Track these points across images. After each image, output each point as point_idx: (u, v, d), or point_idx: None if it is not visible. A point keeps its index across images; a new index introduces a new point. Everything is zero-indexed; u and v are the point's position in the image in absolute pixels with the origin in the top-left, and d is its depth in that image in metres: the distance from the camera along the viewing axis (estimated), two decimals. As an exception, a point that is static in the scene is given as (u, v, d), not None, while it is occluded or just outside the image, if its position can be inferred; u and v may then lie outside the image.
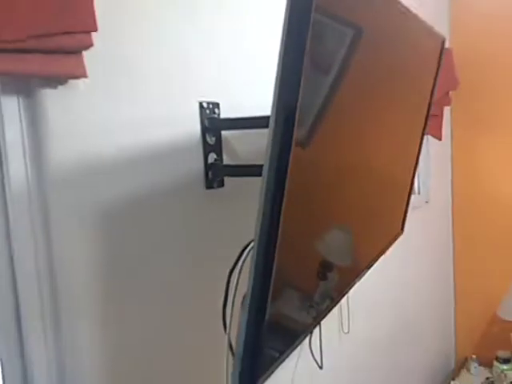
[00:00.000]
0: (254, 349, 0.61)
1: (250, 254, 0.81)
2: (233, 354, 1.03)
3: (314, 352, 1.52)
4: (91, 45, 0.89)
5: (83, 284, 0.96)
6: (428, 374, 2.71)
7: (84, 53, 0.89)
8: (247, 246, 0.85)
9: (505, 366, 2.61)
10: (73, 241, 0.94)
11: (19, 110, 0.89)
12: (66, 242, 0.93)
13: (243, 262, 0.84)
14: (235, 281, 0.88)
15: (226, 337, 0.91)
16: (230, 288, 0.91)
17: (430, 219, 2.75)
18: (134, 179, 1.06)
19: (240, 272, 0.86)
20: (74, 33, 0.87)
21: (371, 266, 1.37)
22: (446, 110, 2.77)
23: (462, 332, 2.96)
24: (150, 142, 1.09)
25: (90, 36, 0.88)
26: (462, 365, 2.83)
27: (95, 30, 0.88)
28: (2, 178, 0.88)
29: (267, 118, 0.69)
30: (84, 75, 0.90)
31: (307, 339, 1.51)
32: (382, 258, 1.45)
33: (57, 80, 0.91)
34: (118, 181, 1.02)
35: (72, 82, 0.93)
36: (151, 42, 1.08)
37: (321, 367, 1.54)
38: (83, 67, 0.90)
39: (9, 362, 0.91)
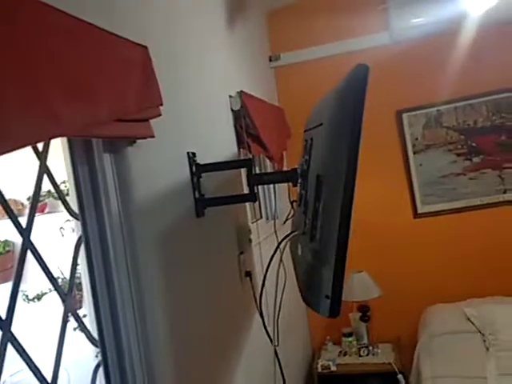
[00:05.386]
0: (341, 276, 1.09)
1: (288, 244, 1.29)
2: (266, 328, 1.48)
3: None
4: (160, 114, 1.26)
5: (154, 276, 1.30)
6: (299, 361, 3.36)
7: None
8: (281, 242, 1.32)
9: (350, 339, 3.45)
10: (148, 250, 1.27)
11: (111, 163, 1.20)
12: (144, 252, 1.25)
13: (281, 253, 1.31)
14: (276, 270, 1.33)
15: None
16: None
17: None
18: (166, 210, 1.42)
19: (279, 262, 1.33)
20: (149, 107, 1.23)
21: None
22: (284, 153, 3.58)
23: (314, 321, 3.75)
24: (170, 184, 1.46)
25: (159, 109, 1.26)
26: (319, 347, 3.58)
27: (161, 105, 1.26)
28: (108, 209, 1.17)
29: (228, 162, 1.24)
30: (152, 136, 1.26)
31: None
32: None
33: (133, 140, 1.25)
34: (162, 210, 1.38)
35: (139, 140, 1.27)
36: (169, 119, 1.47)
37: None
38: (151, 130, 1.26)
39: (108, 333, 1.18)
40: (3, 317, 0.99)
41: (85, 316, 1.32)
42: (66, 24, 0.86)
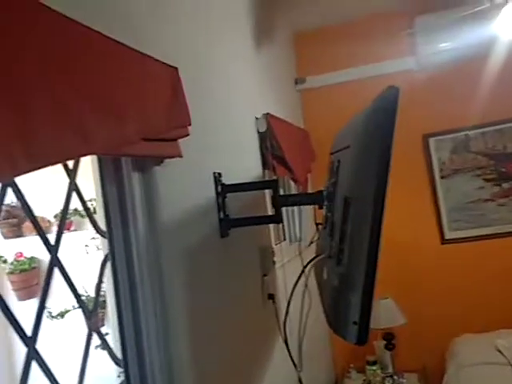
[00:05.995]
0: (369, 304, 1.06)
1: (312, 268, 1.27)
2: (287, 344, 1.45)
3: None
4: (188, 134, 1.27)
5: (178, 296, 1.28)
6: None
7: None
8: (306, 265, 1.30)
9: (374, 367, 3.35)
10: (172, 265, 1.27)
11: (139, 181, 1.20)
12: (169, 271, 1.25)
13: (307, 277, 1.29)
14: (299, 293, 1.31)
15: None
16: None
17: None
18: (192, 230, 1.41)
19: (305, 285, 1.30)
20: (178, 127, 1.24)
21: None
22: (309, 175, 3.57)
23: (337, 348, 3.65)
24: (195, 203, 1.46)
25: (187, 129, 1.26)
26: (343, 374, 3.48)
27: (190, 125, 1.26)
28: (135, 227, 1.17)
29: (254, 183, 1.22)
30: (180, 155, 1.27)
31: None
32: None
33: (161, 159, 1.25)
34: (187, 230, 1.37)
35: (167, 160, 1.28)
36: (196, 140, 1.48)
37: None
38: (179, 150, 1.27)
39: (131, 353, 1.17)
40: (27, 333, 0.99)
41: (107, 334, 1.31)
42: (97, 43, 0.88)
